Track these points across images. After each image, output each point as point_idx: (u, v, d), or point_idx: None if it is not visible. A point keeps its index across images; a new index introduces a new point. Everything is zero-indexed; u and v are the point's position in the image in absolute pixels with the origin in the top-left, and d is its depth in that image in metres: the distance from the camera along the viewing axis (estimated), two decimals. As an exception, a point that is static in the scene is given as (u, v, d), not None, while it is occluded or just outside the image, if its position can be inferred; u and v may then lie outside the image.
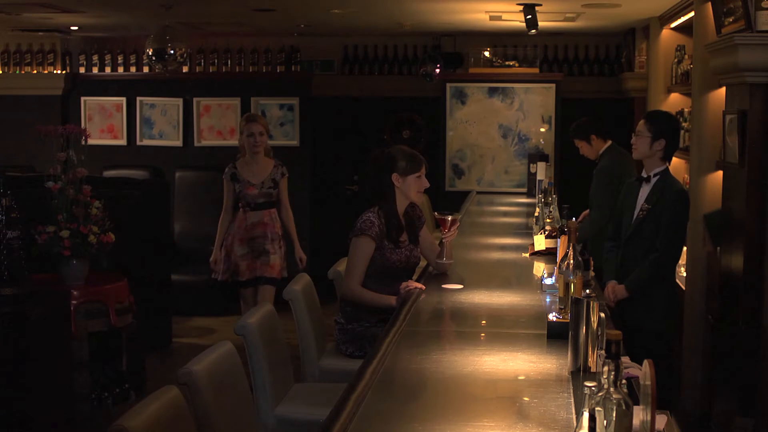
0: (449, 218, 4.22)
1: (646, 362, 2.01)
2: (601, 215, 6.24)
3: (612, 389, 1.94)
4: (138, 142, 9.32)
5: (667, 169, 4.36)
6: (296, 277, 4.13)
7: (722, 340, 4.73)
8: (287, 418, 3.38)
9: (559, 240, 3.77)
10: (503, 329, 3.42)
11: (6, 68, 9.49)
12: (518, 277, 4.63)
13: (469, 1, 6.82)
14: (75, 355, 4.81)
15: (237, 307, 6.08)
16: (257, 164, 6.02)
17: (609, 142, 6.39)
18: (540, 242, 4.90)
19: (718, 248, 4.91)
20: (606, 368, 1.95)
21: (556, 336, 3.05)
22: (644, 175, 4.40)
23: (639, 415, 2.03)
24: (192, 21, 8.10)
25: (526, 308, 3.68)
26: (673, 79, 6.99)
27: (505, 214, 7.29)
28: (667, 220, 4.26)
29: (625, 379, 2.03)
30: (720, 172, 5.17)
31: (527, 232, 5.83)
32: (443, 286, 4.08)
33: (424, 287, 3.95)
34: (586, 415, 1.99)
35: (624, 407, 1.93)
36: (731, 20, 4.45)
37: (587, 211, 6.49)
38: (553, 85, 8.75)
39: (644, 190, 4.38)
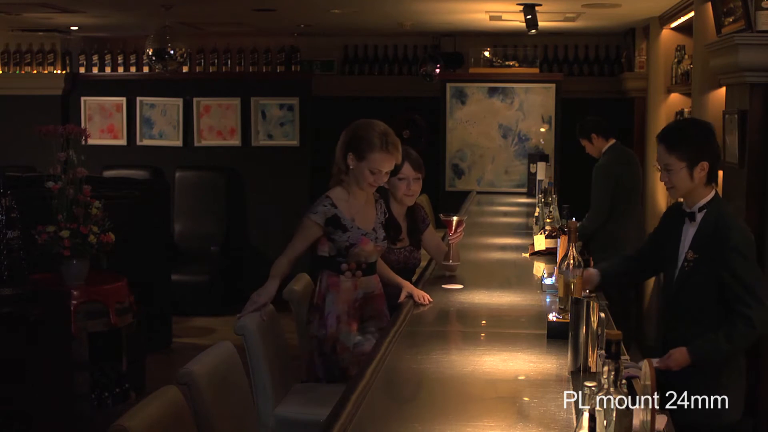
0: (454, 219, 4.19)
1: (646, 362, 2.01)
2: (599, 213, 6.26)
3: (612, 389, 1.94)
4: (138, 142, 9.32)
5: (715, 195, 3.27)
6: (296, 277, 4.11)
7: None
8: (287, 418, 3.38)
9: (559, 240, 3.77)
10: (503, 329, 3.42)
11: (6, 68, 9.49)
12: (518, 277, 4.63)
13: (469, 1, 6.82)
14: (75, 356, 4.80)
15: (237, 307, 6.01)
16: (365, 200, 3.81)
17: (612, 141, 6.43)
18: (540, 242, 4.90)
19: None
20: (606, 368, 1.95)
21: (556, 336, 3.05)
22: (687, 209, 3.29)
23: (639, 415, 2.03)
24: (192, 21, 8.10)
25: (526, 308, 3.68)
26: (673, 79, 7.00)
27: (505, 214, 7.29)
28: (736, 280, 3.11)
29: (625, 379, 2.02)
30: (720, 172, 5.17)
31: (527, 232, 5.83)
32: (443, 286, 4.08)
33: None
34: (586, 415, 2.00)
35: (624, 407, 1.93)
36: (731, 20, 4.45)
37: None
38: (553, 85, 8.74)
39: (689, 230, 3.28)
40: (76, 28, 8.81)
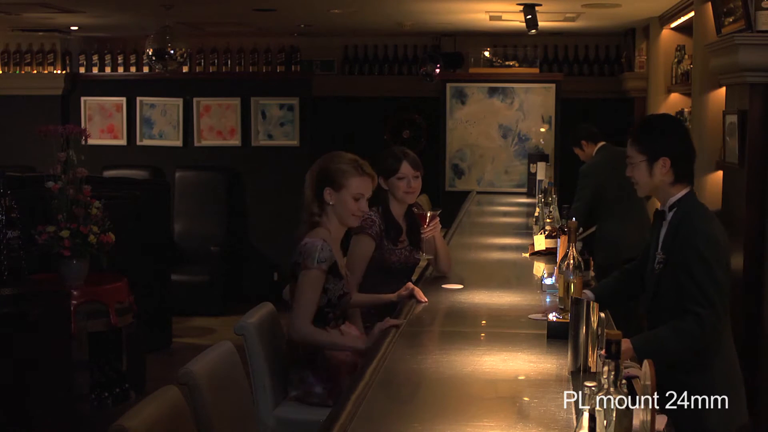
0: (428, 214, 4.20)
1: (646, 362, 2.01)
2: (576, 212, 6.27)
3: (612, 389, 1.94)
4: (138, 142, 9.32)
5: (688, 194, 3.11)
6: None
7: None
8: (287, 418, 3.38)
9: (559, 240, 3.77)
10: (503, 329, 3.42)
11: (6, 68, 9.49)
12: (518, 277, 4.63)
13: (469, 1, 6.82)
14: (75, 355, 4.80)
15: (237, 307, 6.02)
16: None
17: (601, 144, 6.47)
18: (540, 242, 4.90)
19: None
20: (606, 368, 1.95)
21: (556, 336, 3.05)
22: (660, 208, 3.20)
23: (639, 415, 2.03)
24: (192, 21, 8.10)
25: (526, 308, 3.68)
26: (673, 79, 7.00)
27: (505, 214, 7.29)
28: (692, 281, 2.96)
29: (625, 379, 2.02)
30: (720, 172, 5.17)
31: (527, 232, 5.83)
32: (443, 286, 4.08)
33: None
34: (586, 415, 1.99)
35: (624, 407, 1.93)
36: (731, 20, 4.45)
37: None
38: (553, 85, 8.75)
39: (662, 231, 3.15)
40: (76, 28, 8.81)
